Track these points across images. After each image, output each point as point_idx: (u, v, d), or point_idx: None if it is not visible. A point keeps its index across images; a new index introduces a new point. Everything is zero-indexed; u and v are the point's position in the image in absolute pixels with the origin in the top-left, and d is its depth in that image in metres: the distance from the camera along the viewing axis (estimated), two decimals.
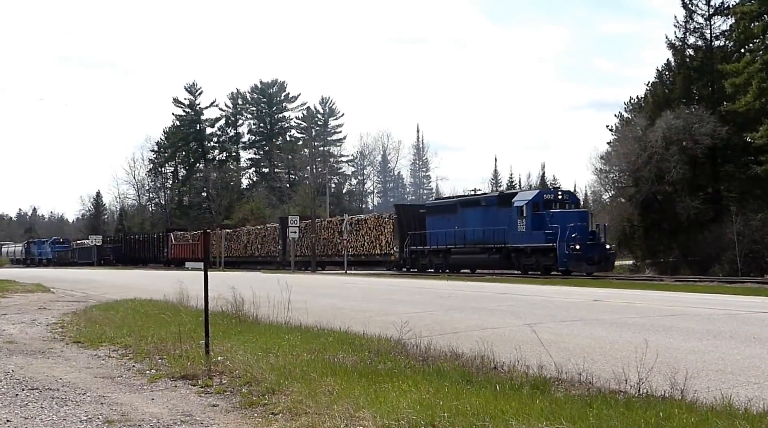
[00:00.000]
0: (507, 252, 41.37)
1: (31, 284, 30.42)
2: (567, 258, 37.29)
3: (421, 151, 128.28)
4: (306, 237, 59.72)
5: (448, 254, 45.77)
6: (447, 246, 45.54)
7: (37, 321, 16.30)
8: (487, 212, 43.08)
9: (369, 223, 54.48)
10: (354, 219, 56.56)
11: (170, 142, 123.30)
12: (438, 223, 46.62)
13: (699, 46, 58.15)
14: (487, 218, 42.91)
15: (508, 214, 41.20)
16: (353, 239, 54.51)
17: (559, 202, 40.64)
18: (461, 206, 45.99)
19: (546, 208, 39.92)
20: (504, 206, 41.93)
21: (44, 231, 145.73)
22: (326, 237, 58.46)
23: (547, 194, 41.75)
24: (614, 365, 8.82)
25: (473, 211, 44.39)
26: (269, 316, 13.84)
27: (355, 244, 54.54)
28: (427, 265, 47.86)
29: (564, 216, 38.69)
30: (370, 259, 54.36)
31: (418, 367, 8.77)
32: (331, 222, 60.39)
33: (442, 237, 45.82)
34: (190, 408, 7.49)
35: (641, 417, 6.23)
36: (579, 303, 17.57)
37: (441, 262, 46.50)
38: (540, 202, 40.37)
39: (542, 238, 38.95)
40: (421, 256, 48.46)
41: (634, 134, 55.96)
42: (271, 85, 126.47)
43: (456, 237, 44.76)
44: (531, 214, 39.87)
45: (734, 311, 15.45)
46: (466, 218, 44.70)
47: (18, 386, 8.70)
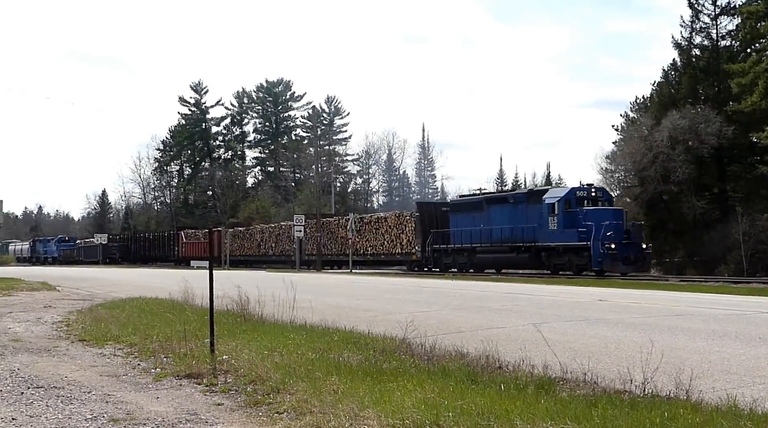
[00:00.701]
0: (537, 251, 39.90)
1: (36, 282, 30.48)
2: (602, 258, 35.89)
3: (427, 150, 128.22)
4: (323, 236, 58.71)
5: (473, 253, 44.08)
6: (472, 244, 43.94)
7: (43, 319, 16.33)
8: (516, 209, 41.53)
9: (389, 222, 52.96)
10: (373, 218, 55.52)
11: (176, 140, 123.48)
12: (462, 221, 45.11)
13: (705, 45, 58.07)
14: (515, 216, 41.37)
15: (539, 211, 39.62)
16: (372, 238, 53.32)
17: (592, 199, 39.32)
18: (487, 203, 44.13)
19: (578, 205, 38.48)
20: (534, 203, 40.39)
21: (50, 229, 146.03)
22: (343, 236, 56.64)
23: (579, 191, 39.94)
24: (619, 365, 8.81)
25: (500, 209, 42.77)
26: (274, 315, 13.85)
27: (375, 243, 53.34)
28: (451, 265, 46.06)
29: (598, 214, 37.32)
30: (390, 259, 53.00)
31: (423, 367, 8.77)
32: (348, 221, 57.84)
33: (466, 235, 44.25)
34: (195, 406, 7.50)
35: (646, 417, 6.22)
36: (584, 303, 17.56)
37: (465, 262, 45.00)
38: (572, 199, 38.92)
39: (575, 237, 37.51)
40: (444, 255, 46.79)
41: (640, 134, 55.90)
42: (277, 84, 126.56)
43: (482, 235, 43.21)
44: (563, 212, 38.40)
45: (740, 311, 15.44)
46: (492, 216, 43.09)
47: (23, 384, 8.72)
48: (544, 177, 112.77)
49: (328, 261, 58.26)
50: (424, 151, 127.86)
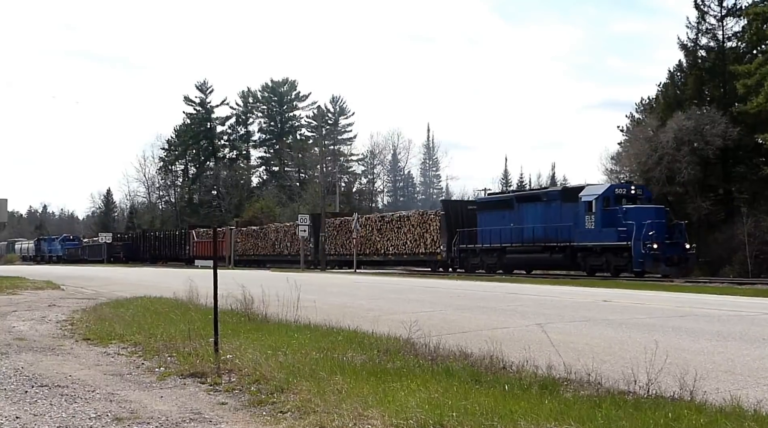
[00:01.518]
0: (572, 251, 38.19)
1: (40, 281, 30.49)
2: (643, 259, 34.36)
3: (432, 151, 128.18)
4: (341, 235, 57.54)
5: (503, 253, 42.27)
6: (501, 244, 42.18)
7: (47, 318, 16.35)
8: (549, 208, 39.94)
9: (412, 220, 50.97)
10: (395, 216, 53.58)
11: (181, 139, 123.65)
12: (491, 220, 43.35)
13: (711, 47, 58.01)
14: (548, 214, 39.83)
15: (574, 209, 38.04)
16: (394, 237, 51.78)
17: (632, 196, 37.82)
18: (518, 201, 42.45)
19: (617, 203, 36.92)
20: (569, 201, 38.74)
21: (54, 228, 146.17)
22: (363, 235, 54.59)
23: (618, 188, 38.49)
24: (623, 365, 8.81)
25: (532, 207, 41.18)
26: (278, 315, 13.86)
27: (396, 243, 51.66)
28: (478, 265, 44.30)
29: (639, 212, 35.74)
30: (413, 259, 51.33)
31: (427, 366, 8.77)
32: (369, 219, 56.86)
33: (495, 235, 42.50)
34: (199, 406, 7.51)
35: (650, 418, 6.22)
36: (588, 304, 17.54)
37: (494, 262, 43.19)
38: (611, 196, 37.31)
39: (614, 236, 35.91)
40: (471, 256, 44.94)
41: (645, 135, 55.84)
42: (282, 83, 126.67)
43: (512, 235, 41.52)
44: (601, 210, 36.75)
45: (744, 312, 15.42)
46: (523, 214, 41.42)
47: (27, 383, 8.73)
48: (549, 177, 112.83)
49: (346, 262, 56.58)
50: (429, 151, 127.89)
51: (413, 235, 50.14)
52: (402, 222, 51.67)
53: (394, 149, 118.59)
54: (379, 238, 53.10)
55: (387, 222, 53.28)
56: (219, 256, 69.06)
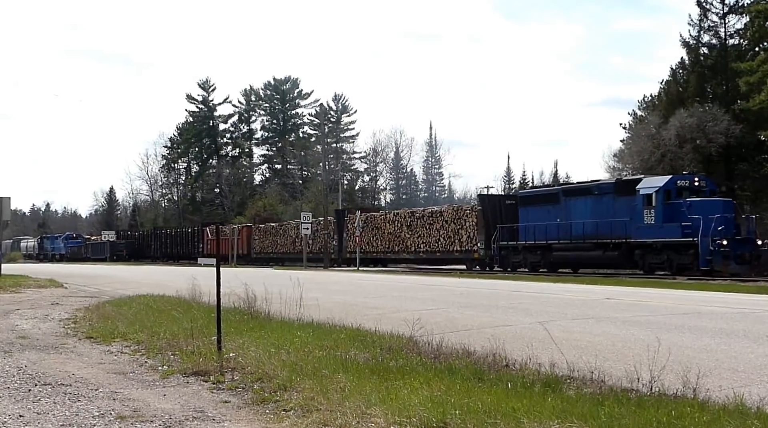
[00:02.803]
0: (628, 248, 35.55)
1: (44, 279, 30.51)
2: (711, 257, 31.79)
3: (434, 148, 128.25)
4: (366, 232, 54.91)
5: (548, 251, 39.74)
6: (547, 241, 39.54)
7: (50, 316, 16.36)
8: (601, 202, 37.24)
9: (446, 216, 47.89)
10: (426, 212, 50.80)
11: (183, 138, 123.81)
12: (534, 215, 40.62)
13: (713, 44, 58.05)
14: (600, 209, 37.12)
15: (631, 203, 35.43)
16: (425, 234, 48.95)
17: (695, 189, 35.06)
18: (565, 195, 39.71)
19: (679, 196, 34.33)
20: (624, 195, 36.12)
21: (57, 226, 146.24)
22: (391, 232, 52.53)
23: (681, 180, 35.63)
24: (626, 363, 8.79)
25: (582, 201, 38.40)
26: (281, 313, 13.86)
27: (428, 240, 48.79)
28: (520, 264, 41.70)
29: (705, 206, 33.02)
30: (446, 257, 48.37)
31: (430, 364, 8.76)
32: (398, 214, 53.94)
33: (540, 231, 39.87)
34: (202, 404, 7.51)
35: (653, 415, 6.21)
36: (591, 301, 17.53)
37: (538, 260, 40.56)
38: (673, 189, 34.59)
39: (678, 232, 33.31)
40: (512, 253, 42.11)
41: (648, 132, 55.87)
42: (284, 81, 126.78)
43: (559, 231, 38.88)
44: (662, 204, 34.11)
45: (747, 310, 15.41)
46: (571, 209, 38.77)
47: (31, 381, 8.74)
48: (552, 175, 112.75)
49: (371, 259, 54.57)
50: (432, 148, 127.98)
51: (447, 232, 47.39)
52: (434, 218, 49.01)
53: (397, 147, 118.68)
54: (409, 235, 50.75)
55: (418, 218, 50.64)
56: (237, 254, 68.85)
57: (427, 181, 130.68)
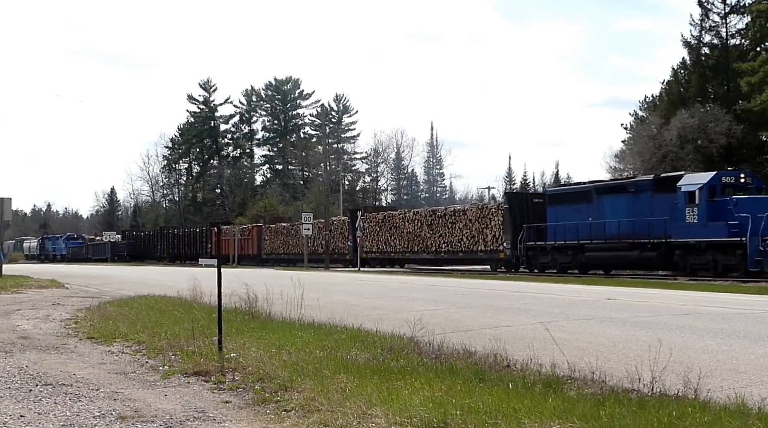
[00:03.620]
0: (668, 249, 33.64)
1: (45, 280, 30.50)
2: (761, 257, 29.96)
3: (435, 149, 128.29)
4: (384, 231, 53.44)
5: (580, 251, 37.71)
6: (579, 241, 37.52)
7: (51, 316, 16.36)
8: (638, 200, 35.47)
9: (469, 215, 45.89)
10: (449, 210, 48.93)
11: (184, 138, 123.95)
12: (564, 214, 38.71)
13: (715, 44, 58.05)
14: (637, 207, 35.35)
15: (671, 201, 33.44)
16: (447, 233, 47.07)
17: (741, 186, 33.20)
18: (598, 193, 37.78)
19: (724, 193, 32.40)
20: (663, 192, 34.24)
21: (58, 227, 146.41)
22: (410, 231, 50.67)
23: (726, 176, 33.70)
24: (627, 363, 8.79)
25: (616, 199, 36.64)
26: (282, 313, 13.86)
27: (450, 239, 46.89)
28: (549, 264, 39.76)
29: (754, 204, 31.09)
30: (470, 257, 46.46)
31: (431, 365, 8.76)
32: (418, 213, 51.95)
33: (571, 230, 37.90)
34: (203, 404, 7.51)
35: (654, 416, 6.21)
36: (592, 302, 17.53)
37: (569, 261, 38.64)
38: (717, 185, 32.65)
39: (723, 232, 31.47)
40: (540, 254, 40.30)
41: (649, 133, 55.90)
42: (286, 82, 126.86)
43: (592, 230, 36.96)
44: (706, 201, 32.13)
45: (749, 310, 15.39)
46: (604, 207, 36.98)
47: (32, 381, 8.74)
48: (553, 175, 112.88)
49: (388, 260, 53.35)
50: (433, 149, 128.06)
51: (470, 231, 45.44)
52: (457, 216, 47.00)
53: (398, 147, 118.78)
54: (429, 235, 48.83)
55: (439, 217, 48.62)
56: (246, 255, 68.19)
57: (428, 181, 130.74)
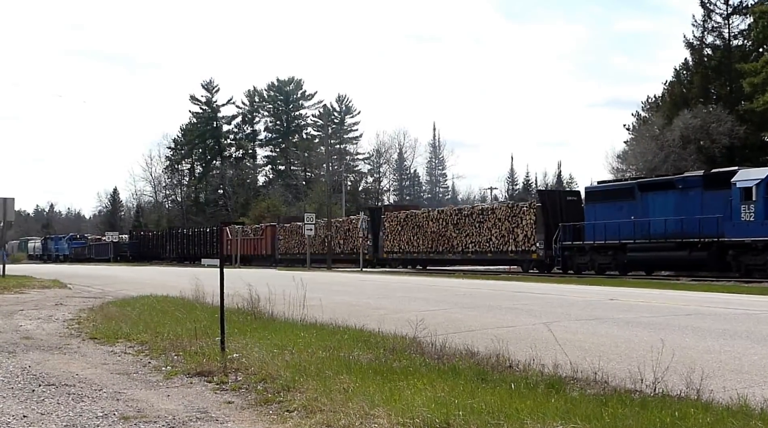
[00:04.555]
0: (719, 248, 31.73)
1: (47, 280, 30.54)
2: None
3: (438, 149, 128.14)
4: (406, 231, 51.72)
5: (621, 251, 35.90)
6: (620, 241, 35.70)
7: (54, 317, 16.37)
8: (686, 197, 33.44)
9: (498, 214, 44.21)
10: (476, 209, 47.06)
11: (187, 139, 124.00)
12: (604, 212, 36.84)
13: (717, 45, 58.04)
14: (685, 205, 33.38)
15: (724, 198, 31.48)
16: (475, 233, 45.34)
17: None
18: (641, 190, 35.86)
19: None
20: (715, 189, 32.39)
21: (61, 227, 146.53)
22: (435, 231, 48.99)
23: None
24: (630, 364, 8.79)
25: (661, 196, 34.72)
26: (284, 313, 13.87)
27: (478, 239, 45.19)
28: (587, 265, 37.76)
29: None
30: (499, 258, 45.07)
31: (433, 365, 8.76)
32: (443, 212, 50.18)
33: (611, 229, 36.11)
34: (206, 404, 7.51)
35: (657, 416, 6.21)
36: (595, 302, 17.52)
37: (609, 262, 36.78)
38: None
39: None
40: (578, 254, 38.34)
41: (651, 133, 55.90)
42: (288, 82, 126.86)
43: (635, 229, 35.15)
44: (764, 198, 30.12)
45: (751, 311, 15.38)
46: (648, 205, 35.13)
47: (35, 381, 8.74)
48: (555, 176, 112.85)
49: (410, 260, 52.08)
50: (435, 150, 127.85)
51: (500, 231, 43.75)
52: (485, 215, 45.19)
53: (400, 148, 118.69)
54: (455, 234, 47.02)
55: (466, 216, 46.85)
56: (259, 255, 67.34)
57: (430, 181, 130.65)
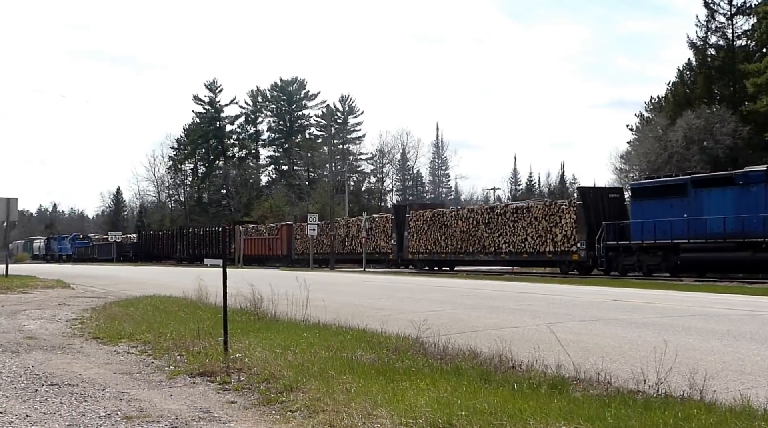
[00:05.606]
0: None
1: (50, 280, 30.53)
2: None
3: (441, 150, 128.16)
4: (432, 231, 49.74)
5: (672, 252, 33.70)
6: (672, 240, 33.52)
7: (57, 317, 16.37)
8: (748, 193, 31.31)
9: (534, 212, 42.16)
10: (509, 208, 44.86)
11: (190, 139, 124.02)
12: (652, 210, 34.65)
13: (720, 45, 58.03)
14: (747, 202, 31.27)
15: None
16: (509, 233, 43.42)
17: None
18: (695, 186, 33.61)
19: None
20: None
21: (64, 227, 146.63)
22: (464, 231, 46.87)
23: None
24: (633, 365, 8.78)
25: (719, 193, 32.61)
26: (287, 314, 13.86)
27: (513, 239, 43.16)
28: (634, 267, 35.60)
29: None
30: (535, 259, 42.98)
31: (436, 366, 8.76)
32: (473, 211, 48.12)
33: (662, 229, 33.87)
34: (209, 404, 7.51)
35: (660, 417, 6.20)
36: (598, 303, 17.50)
37: (658, 263, 34.48)
38: None
39: None
40: (624, 255, 36.08)
41: (655, 133, 55.86)
42: (291, 82, 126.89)
43: (689, 228, 32.93)
44: None
45: (755, 312, 15.37)
46: (703, 202, 33.02)
47: (38, 381, 8.75)
48: (559, 176, 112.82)
49: (437, 261, 50.39)
50: (438, 150, 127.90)
51: (536, 230, 41.74)
52: (520, 214, 43.18)
53: (403, 148, 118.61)
54: (487, 234, 44.96)
55: (498, 215, 44.71)
56: (275, 256, 66.55)
57: (433, 182, 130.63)
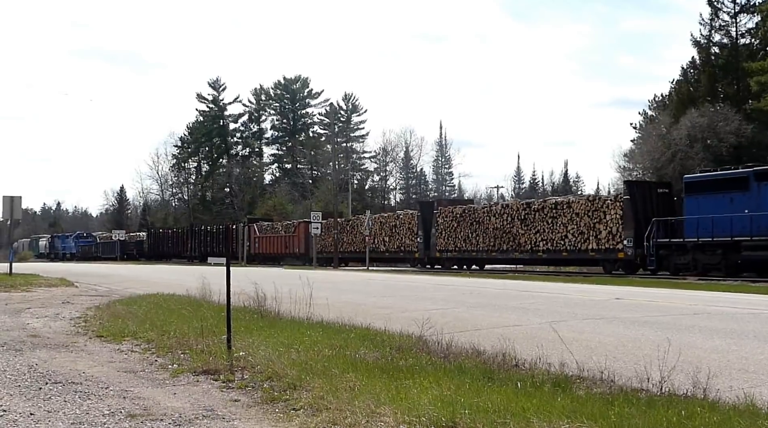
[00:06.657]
0: None
1: (54, 278, 30.56)
2: None
3: (444, 148, 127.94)
4: (462, 228, 47.13)
5: (732, 250, 31.35)
6: (732, 238, 31.18)
7: (61, 315, 16.40)
8: None
9: (576, 208, 39.40)
10: (547, 204, 42.03)
11: (193, 137, 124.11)
12: (709, 206, 32.16)
13: (724, 43, 57.94)
14: None
15: None
16: (547, 229, 40.83)
17: None
18: (758, 179, 30.98)
19: None
20: None
21: (68, 225, 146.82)
22: (498, 227, 44.29)
23: None
24: (636, 363, 8.78)
25: None
26: (291, 312, 13.87)
27: (551, 237, 40.60)
28: (688, 266, 33.05)
29: None
30: (577, 257, 40.49)
31: (440, 364, 8.76)
32: (507, 206, 45.43)
33: (720, 225, 31.54)
34: (212, 402, 7.52)
35: (663, 415, 6.20)
36: (601, 302, 17.49)
37: (717, 262, 31.98)
38: None
39: None
40: (676, 253, 33.66)
41: (658, 132, 55.79)
42: (295, 81, 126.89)
43: (752, 225, 30.55)
44: None
45: (759, 310, 15.34)
46: (767, 197, 30.65)
47: (41, 379, 8.76)
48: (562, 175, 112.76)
49: (466, 260, 48.10)
50: (442, 148, 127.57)
51: (578, 227, 39.11)
52: (560, 210, 40.48)
53: (407, 146, 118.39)
54: (523, 231, 42.48)
55: (535, 211, 42.07)
56: (291, 254, 64.92)
57: (437, 180, 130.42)
